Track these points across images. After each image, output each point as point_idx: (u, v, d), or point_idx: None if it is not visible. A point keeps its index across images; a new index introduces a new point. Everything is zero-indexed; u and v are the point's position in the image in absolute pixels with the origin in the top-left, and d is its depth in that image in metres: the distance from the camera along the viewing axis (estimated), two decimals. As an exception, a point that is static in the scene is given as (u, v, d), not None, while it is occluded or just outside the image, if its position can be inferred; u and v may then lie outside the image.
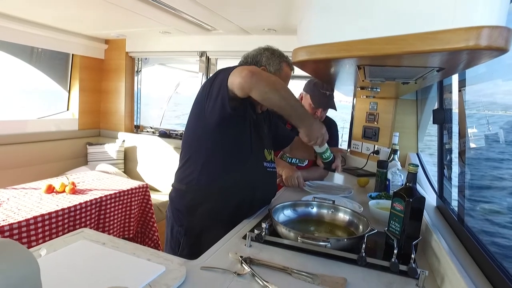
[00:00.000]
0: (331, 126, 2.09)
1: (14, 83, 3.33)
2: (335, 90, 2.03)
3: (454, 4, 0.48)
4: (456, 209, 1.20)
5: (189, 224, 1.34)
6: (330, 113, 2.11)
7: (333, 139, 2.00)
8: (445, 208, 1.27)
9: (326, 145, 1.36)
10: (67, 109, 3.64)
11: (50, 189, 2.11)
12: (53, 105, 3.63)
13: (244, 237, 1.07)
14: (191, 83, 3.84)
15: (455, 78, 1.23)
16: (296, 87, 2.27)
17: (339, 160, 1.46)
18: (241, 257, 0.93)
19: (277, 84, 1.14)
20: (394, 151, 1.85)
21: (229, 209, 1.32)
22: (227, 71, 1.19)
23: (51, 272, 0.79)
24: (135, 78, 3.79)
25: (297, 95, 1.88)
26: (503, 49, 0.45)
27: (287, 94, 1.16)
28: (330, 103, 1.96)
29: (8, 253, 0.43)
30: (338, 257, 0.98)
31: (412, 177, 1.05)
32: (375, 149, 2.46)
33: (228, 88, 1.15)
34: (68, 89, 3.60)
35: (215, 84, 1.22)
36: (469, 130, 1.34)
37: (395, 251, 0.94)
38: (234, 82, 1.13)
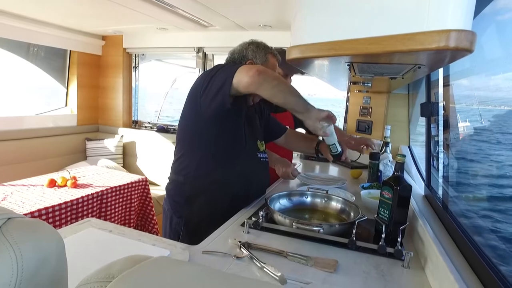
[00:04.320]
0: None
1: (11, 79, 3.35)
2: (329, 85, 2.09)
3: (428, 10, 0.54)
4: (441, 197, 1.27)
5: (188, 215, 1.39)
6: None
7: None
8: (431, 196, 1.34)
9: (335, 137, 1.35)
10: (65, 105, 3.67)
11: (52, 183, 2.17)
12: (51, 101, 3.66)
13: (242, 225, 1.14)
14: (188, 79, 3.88)
15: (441, 74, 1.30)
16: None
17: (346, 152, 1.46)
18: (239, 242, 1.00)
19: (282, 82, 1.21)
20: (386, 144, 1.92)
21: (226, 199, 1.38)
22: (229, 69, 1.23)
23: (64, 256, 0.85)
24: (133, 73, 3.83)
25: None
26: (468, 49, 0.52)
27: (291, 90, 1.22)
28: (297, 68, 1.95)
29: (37, 231, 0.49)
30: (330, 241, 1.05)
31: (399, 167, 1.12)
32: (369, 142, 2.53)
33: (232, 86, 1.19)
34: (66, 85, 3.63)
35: (215, 80, 1.25)
36: (461, 124, 1.40)
37: (383, 235, 1.01)
38: (242, 81, 1.17)
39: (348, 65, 0.89)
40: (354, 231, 1.04)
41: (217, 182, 1.37)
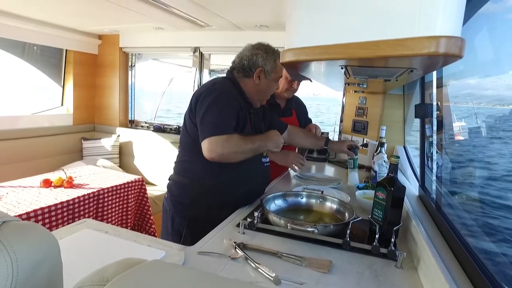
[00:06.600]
0: (299, 104, 2.34)
1: (6, 78, 3.33)
2: (326, 86, 2.10)
3: (418, 16, 0.55)
4: (435, 197, 1.28)
5: (192, 216, 1.40)
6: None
7: (305, 116, 2.30)
8: (425, 197, 1.35)
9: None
10: (62, 105, 3.65)
11: (48, 183, 2.16)
12: (47, 101, 3.64)
13: (238, 225, 1.15)
14: (185, 78, 3.87)
15: (435, 75, 1.31)
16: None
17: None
18: (235, 242, 1.01)
19: (239, 151, 1.31)
20: (381, 144, 1.94)
21: (231, 201, 1.39)
22: (209, 126, 1.28)
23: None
24: (129, 73, 3.82)
25: None
26: (458, 55, 0.53)
27: (247, 149, 1.33)
28: (304, 76, 2.00)
29: (32, 234, 0.49)
30: (325, 242, 1.06)
31: (394, 168, 1.13)
32: (364, 142, 2.54)
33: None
34: (62, 84, 3.61)
35: (202, 121, 1.31)
36: (456, 124, 1.41)
37: (377, 236, 1.03)
38: (206, 154, 1.27)
39: (342, 68, 0.90)
40: (348, 231, 1.05)
41: (223, 186, 1.39)
